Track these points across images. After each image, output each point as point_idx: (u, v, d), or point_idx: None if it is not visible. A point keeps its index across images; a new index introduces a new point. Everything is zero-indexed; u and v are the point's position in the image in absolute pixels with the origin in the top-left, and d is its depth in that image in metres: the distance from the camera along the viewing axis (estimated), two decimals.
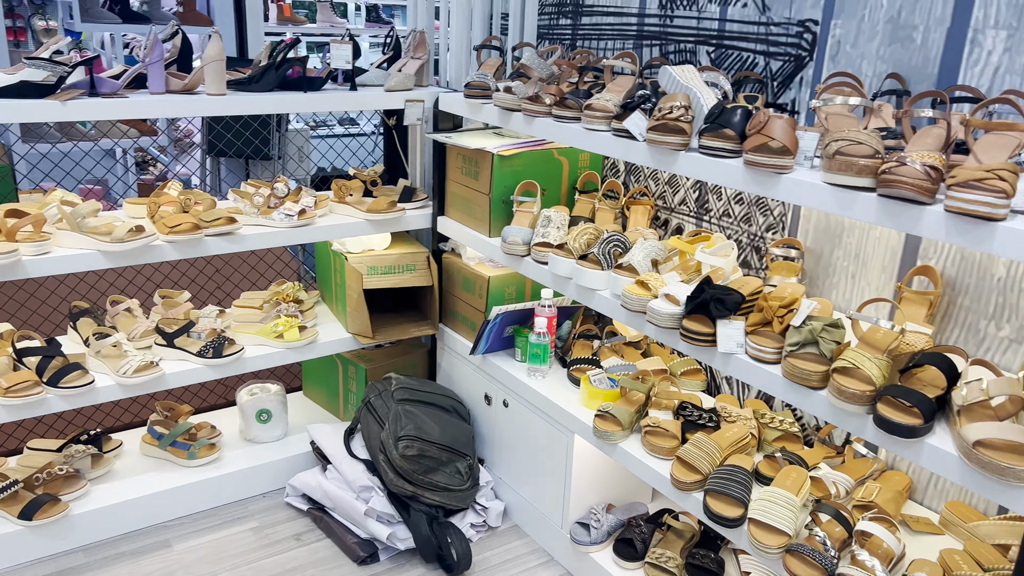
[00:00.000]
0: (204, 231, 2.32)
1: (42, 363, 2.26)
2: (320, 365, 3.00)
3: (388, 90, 2.59)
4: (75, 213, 2.18)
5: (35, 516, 2.28)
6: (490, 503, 2.57)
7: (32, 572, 2.27)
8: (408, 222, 2.70)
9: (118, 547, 2.40)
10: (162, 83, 2.24)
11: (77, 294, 2.89)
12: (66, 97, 2.06)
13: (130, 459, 2.63)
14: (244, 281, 3.25)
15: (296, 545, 2.45)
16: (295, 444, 2.77)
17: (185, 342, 2.48)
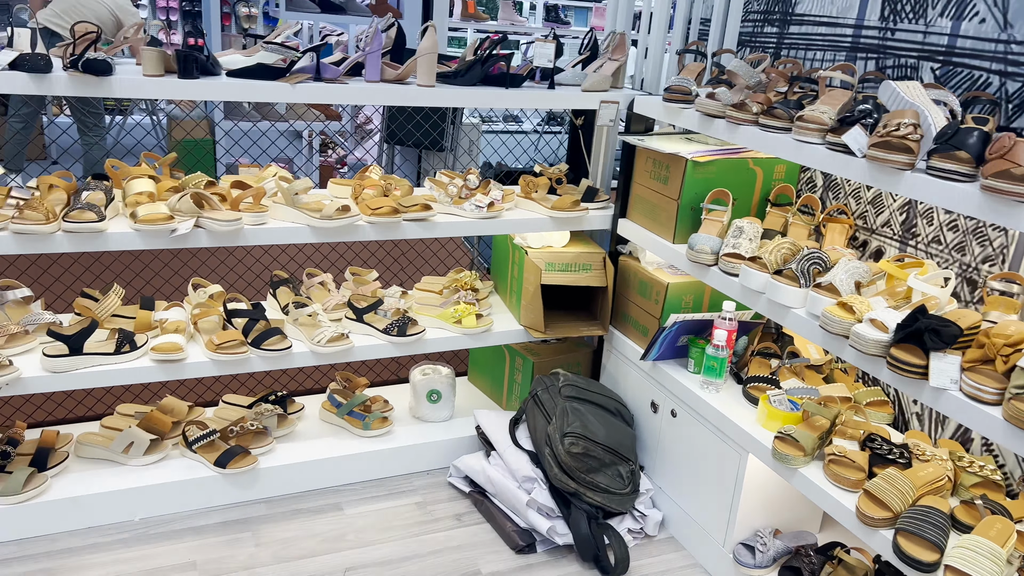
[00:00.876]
0: (402, 215, 2.43)
1: (248, 325, 2.44)
2: (488, 353, 3.08)
3: (585, 90, 2.62)
4: (291, 189, 2.34)
5: (228, 465, 2.47)
6: (648, 511, 2.54)
7: (220, 515, 2.47)
8: (590, 222, 2.72)
9: (295, 503, 2.56)
10: (378, 72, 2.37)
11: (278, 264, 3.10)
12: (295, 80, 2.22)
13: (310, 423, 2.80)
14: (418, 264, 3.39)
15: (457, 525, 2.53)
16: (460, 427, 2.86)
17: (373, 318, 2.61)
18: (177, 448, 2.56)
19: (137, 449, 2.47)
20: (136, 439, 2.46)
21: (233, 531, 2.41)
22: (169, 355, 2.30)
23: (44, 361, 2.20)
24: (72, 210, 2.10)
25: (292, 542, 2.39)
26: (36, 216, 2.05)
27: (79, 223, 2.08)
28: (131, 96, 2.07)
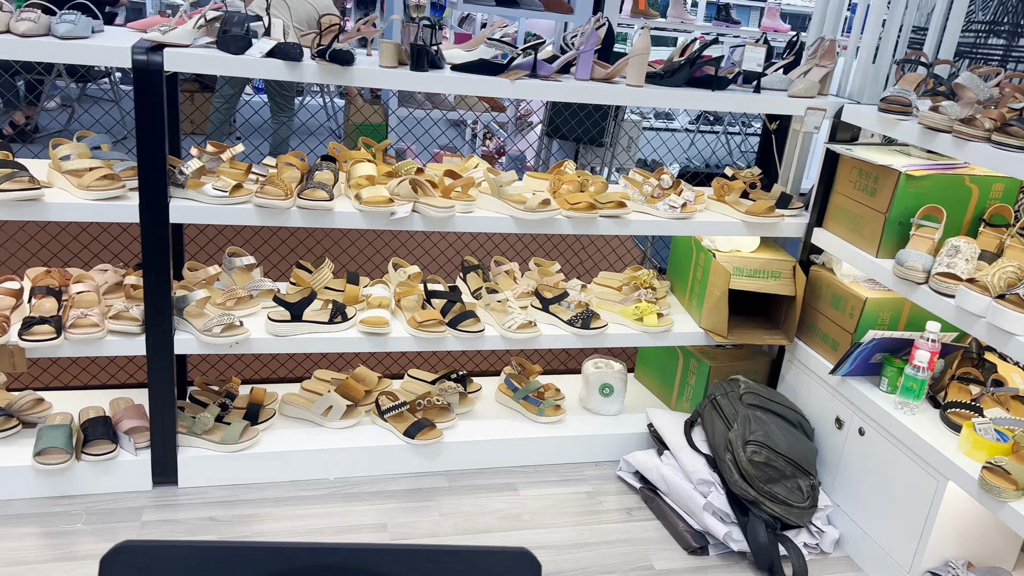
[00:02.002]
0: (599, 212, 2.49)
1: (446, 306, 2.57)
2: (659, 352, 3.10)
3: (792, 96, 2.58)
4: (498, 181, 2.45)
5: (417, 436, 2.62)
6: (826, 528, 2.50)
7: (405, 483, 2.62)
8: (783, 229, 2.68)
9: (472, 479, 2.68)
10: (589, 70, 2.43)
11: (469, 250, 3.24)
12: (514, 77, 2.31)
13: (486, 403, 2.92)
14: (582, 258, 3.45)
15: (627, 518, 2.57)
16: (629, 422, 2.90)
17: (558, 309, 2.69)
18: (369, 415, 2.73)
19: (335, 413, 2.65)
20: (335, 404, 2.64)
21: (418, 499, 2.55)
22: (376, 328, 2.46)
23: (268, 325, 2.41)
24: (306, 188, 2.28)
25: (472, 516, 2.51)
26: (276, 192, 2.24)
27: (312, 200, 2.26)
28: (369, 85, 2.22)
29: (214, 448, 2.47)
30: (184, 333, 2.34)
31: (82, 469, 2.35)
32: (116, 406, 2.58)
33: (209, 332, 2.30)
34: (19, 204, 2.05)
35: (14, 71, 5.95)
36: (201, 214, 2.22)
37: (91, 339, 2.22)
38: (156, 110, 2.07)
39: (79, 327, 2.21)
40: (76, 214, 2.12)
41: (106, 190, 2.14)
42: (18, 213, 2.07)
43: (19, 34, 1.97)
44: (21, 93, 6.44)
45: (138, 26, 2.27)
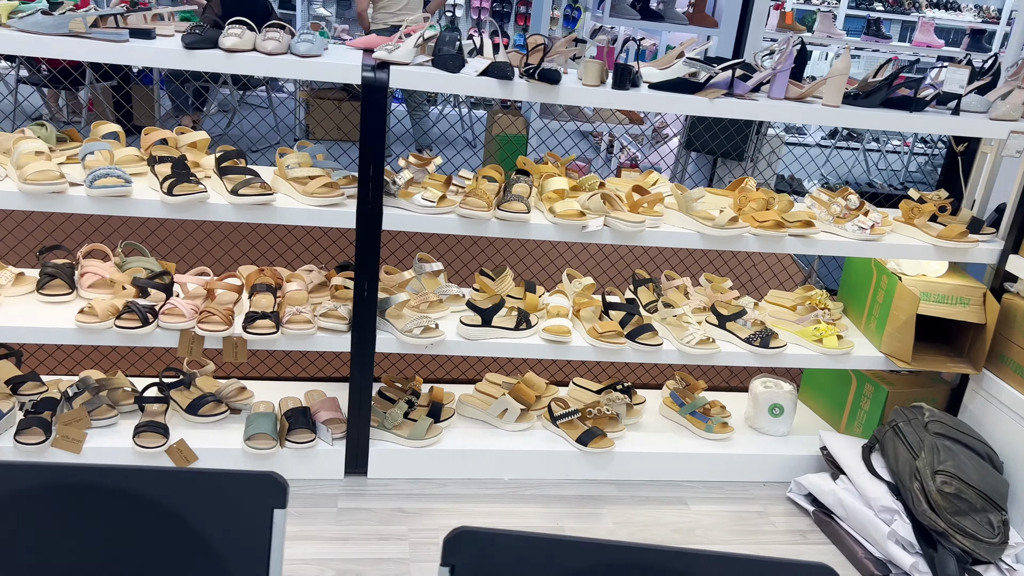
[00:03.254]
0: (787, 231, 2.49)
1: (624, 318, 2.63)
2: (829, 375, 3.05)
3: (994, 119, 2.51)
4: (687, 197, 2.48)
5: (590, 444, 2.68)
6: (1017, 566, 2.40)
7: (576, 488, 2.68)
8: (975, 255, 2.61)
9: (641, 490, 2.72)
10: (784, 90, 2.43)
11: (640, 263, 3.28)
12: (713, 96, 2.34)
13: (650, 416, 2.95)
14: (723, 273, 3.44)
15: (801, 540, 2.55)
16: (797, 444, 2.87)
17: (735, 327, 2.70)
18: (540, 420, 2.81)
19: (510, 416, 2.74)
20: (509, 407, 2.74)
21: (589, 505, 2.61)
22: (559, 337, 2.54)
23: (460, 328, 2.52)
24: (506, 200, 2.38)
25: (645, 527, 2.54)
26: (479, 203, 2.35)
27: (512, 212, 2.35)
28: (575, 103, 2.31)
29: (402, 443, 2.60)
30: (384, 333, 2.48)
31: (284, 455, 2.52)
32: (311, 398, 2.75)
33: (409, 333, 2.43)
34: (254, 208, 2.24)
35: (184, 79, 6.40)
36: (409, 222, 2.35)
37: (304, 335, 2.39)
38: (379, 124, 2.21)
39: (294, 323, 2.38)
40: (301, 218, 2.29)
41: (327, 197, 2.30)
42: (253, 216, 2.26)
43: (267, 52, 2.15)
44: (189, 100, 6.91)
45: (359, 44, 2.43)
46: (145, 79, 6.63)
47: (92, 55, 2.04)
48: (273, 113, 7.21)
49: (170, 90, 6.42)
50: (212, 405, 2.60)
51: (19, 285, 2.45)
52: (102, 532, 1.02)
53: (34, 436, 2.36)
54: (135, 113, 6.45)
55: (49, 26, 2.01)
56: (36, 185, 2.11)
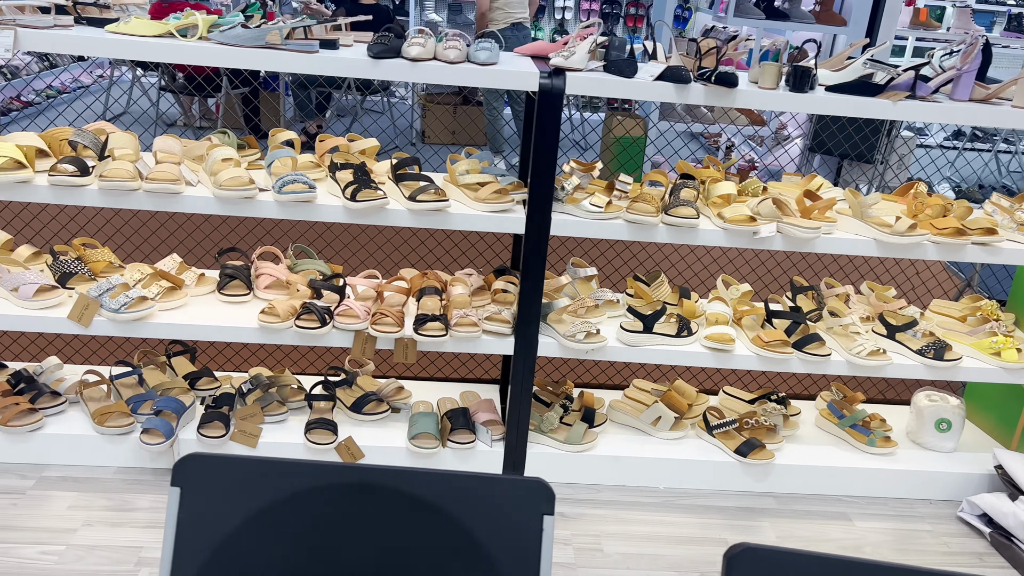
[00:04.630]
0: (969, 238, 2.37)
1: (790, 327, 2.56)
2: (996, 389, 2.90)
3: None
4: (863, 203, 2.40)
5: (749, 455, 2.62)
6: None
7: (734, 500, 2.63)
8: None
9: (801, 504, 2.64)
10: (969, 91, 2.32)
11: (782, 269, 3.20)
12: (896, 98, 2.26)
13: (807, 428, 2.87)
14: (880, 280, 3.31)
15: (978, 563, 2.43)
16: (967, 461, 2.73)
17: (905, 337, 2.59)
18: (694, 428, 2.77)
19: (664, 424, 2.71)
20: (663, 415, 2.71)
21: (749, 518, 2.56)
22: (722, 345, 2.49)
23: (620, 334, 2.51)
24: (674, 206, 2.35)
25: (811, 542, 2.47)
26: (647, 208, 2.33)
27: (680, 218, 2.33)
28: (751, 106, 2.26)
29: (558, 446, 2.61)
30: (546, 337, 2.49)
31: (445, 455, 2.57)
32: (467, 399, 2.80)
33: (572, 338, 2.43)
34: (430, 213, 2.28)
35: (308, 85, 6.61)
36: (576, 228, 2.36)
37: (470, 337, 2.42)
38: (553, 131, 2.23)
39: (461, 326, 2.42)
40: (472, 224, 2.32)
41: (498, 203, 2.32)
42: (428, 221, 2.30)
43: (449, 61, 2.19)
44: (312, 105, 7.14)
45: (527, 51, 2.46)
46: (268, 85, 6.89)
47: (287, 65, 2.13)
48: (390, 117, 7.38)
49: (298, 100, 6.65)
50: (374, 404, 2.67)
51: (201, 285, 2.57)
52: (378, 531, 1.05)
53: (216, 430, 2.48)
54: (262, 119, 6.71)
55: (248, 38, 2.11)
56: (229, 191, 2.22)
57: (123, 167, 2.21)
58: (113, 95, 6.84)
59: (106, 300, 2.33)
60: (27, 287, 2.34)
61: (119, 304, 2.31)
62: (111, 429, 2.45)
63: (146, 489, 2.42)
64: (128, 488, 2.41)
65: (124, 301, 2.32)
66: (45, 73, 7.54)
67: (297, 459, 1.10)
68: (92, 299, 2.32)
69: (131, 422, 2.48)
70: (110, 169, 2.20)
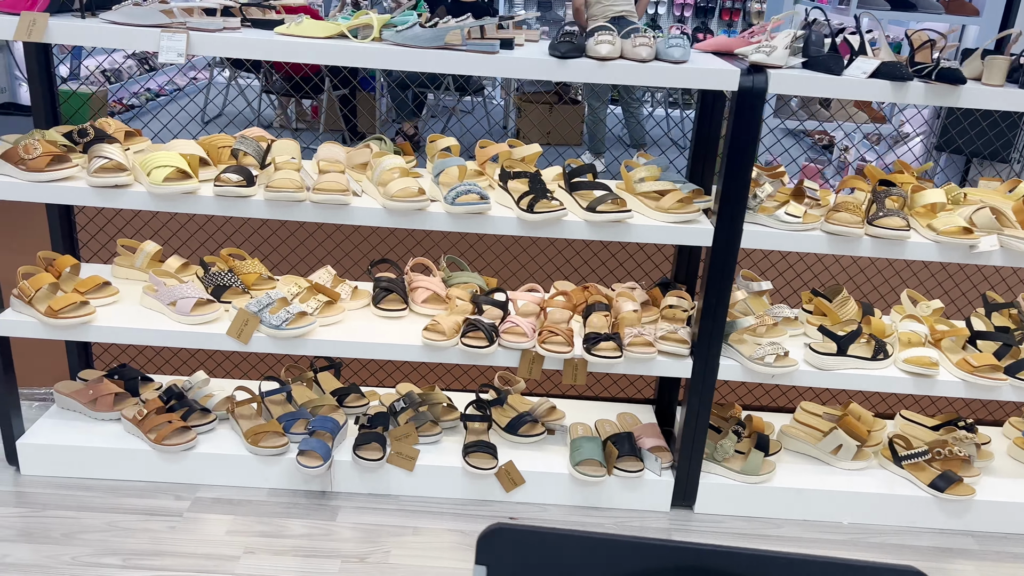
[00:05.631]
0: None
1: (1000, 350, 2.31)
2: None
3: None
4: None
5: (947, 490, 2.37)
6: None
7: (928, 539, 2.39)
8: None
9: (1006, 545, 2.38)
10: None
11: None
12: None
13: (1000, 459, 2.60)
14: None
15: None
16: None
17: None
18: (877, 458, 2.53)
19: (845, 453, 2.48)
20: (844, 443, 2.48)
21: (949, 559, 2.31)
22: (923, 369, 2.26)
23: (811, 356, 2.29)
24: (879, 216, 2.13)
25: None
26: (851, 219, 2.11)
27: (889, 229, 2.10)
28: (976, 106, 2.02)
29: (733, 477, 2.41)
30: (727, 359, 2.29)
31: (610, 483, 2.39)
32: (625, 421, 2.62)
33: (760, 361, 2.22)
34: (610, 225, 2.11)
35: (407, 84, 6.52)
36: (769, 240, 2.15)
37: (645, 358, 2.24)
38: (752, 133, 2.03)
39: (635, 346, 2.24)
40: (654, 235, 2.14)
41: (683, 213, 2.13)
42: (607, 233, 2.13)
43: (640, 59, 2.00)
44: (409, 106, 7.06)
45: (708, 47, 2.26)
46: (366, 85, 6.82)
47: (466, 67, 1.98)
48: (487, 117, 7.25)
49: (397, 100, 6.56)
50: (529, 425, 2.51)
51: (355, 299, 2.45)
52: None
53: (373, 452, 2.36)
54: (359, 120, 6.65)
55: (426, 39, 1.96)
56: (401, 202, 2.08)
57: (289, 177, 2.09)
58: (207, 97, 6.88)
59: (266, 316, 2.22)
60: (185, 301, 2.25)
61: (280, 320, 2.20)
62: (265, 449, 2.35)
63: (301, 514, 2.30)
64: (283, 512, 2.30)
65: (285, 317, 2.20)
66: (141, 76, 7.64)
67: (619, 536, 0.93)
68: (251, 314, 2.21)
69: (285, 442, 2.37)
70: (276, 179, 2.08)
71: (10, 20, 1.94)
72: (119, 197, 2.09)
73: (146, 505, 2.28)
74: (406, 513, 2.34)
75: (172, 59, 1.92)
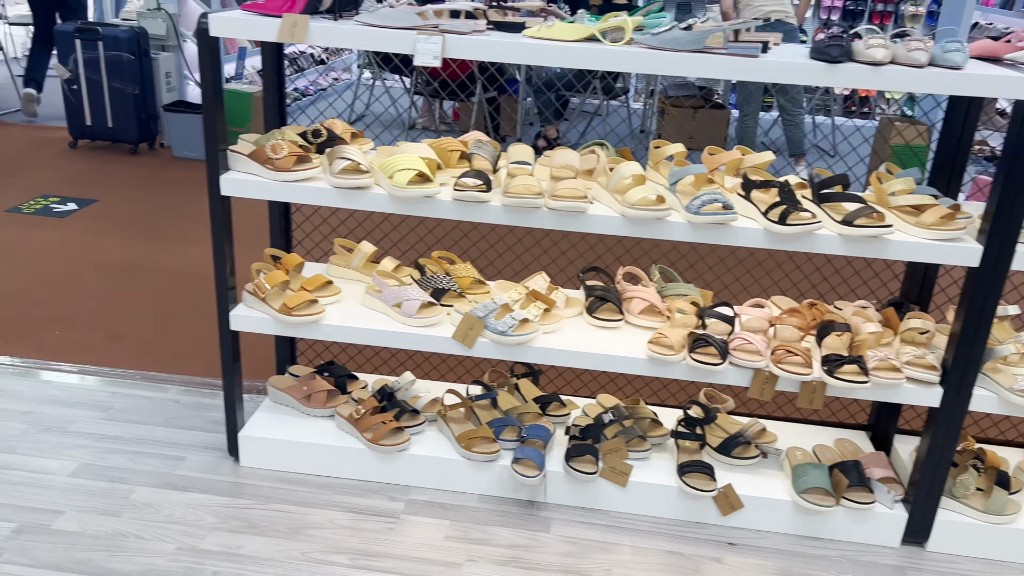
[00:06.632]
0: None
1: None
2: None
3: None
4: None
5: None
6: None
7: None
8: None
9: None
10: None
11: None
12: None
13: None
14: None
15: None
16: None
17: None
18: None
19: None
20: None
21: None
22: None
23: None
24: None
25: None
26: None
27: None
28: None
29: (974, 515, 2.23)
30: (982, 389, 2.12)
31: (836, 514, 2.25)
32: (844, 447, 2.47)
33: (1021, 392, 2.04)
34: (867, 240, 1.97)
35: (553, 84, 6.48)
36: None
37: (891, 385, 2.09)
38: None
39: (881, 370, 2.10)
40: (915, 254, 2.00)
41: (947, 230, 1.98)
42: (862, 249, 2.00)
43: (916, 64, 1.87)
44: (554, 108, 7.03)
45: (976, 51, 2.09)
46: (511, 85, 6.82)
47: (724, 71, 1.89)
48: (627, 120, 7.15)
49: (543, 99, 6.54)
50: (743, 447, 2.40)
51: (568, 307, 2.40)
52: None
53: (588, 465, 2.30)
54: (502, 123, 6.67)
55: (686, 42, 1.89)
56: (641, 211, 2.01)
57: (528, 183, 2.05)
58: (346, 98, 7.05)
59: (491, 321, 2.20)
60: (410, 303, 2.25)
61: (506, 326, 2.17)
62: (478, 455, 2.33)
63: (514, 523, 2.27)
64: (497, 520, 2.27)
65: (511, 323, 2.17)
66: (294, 76, 7.90)
67: None
68: (477, 319, 2.19)
69: (497, 449, 2.34)
70: (516, 185, 2.05)
71: (272, 22, 1.98)
72: (359, 198, 2.11)
73: (363, 504, 2.30)
74: (619, 530, 2.27)
75: (427, 61, 1.91)
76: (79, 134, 5.66)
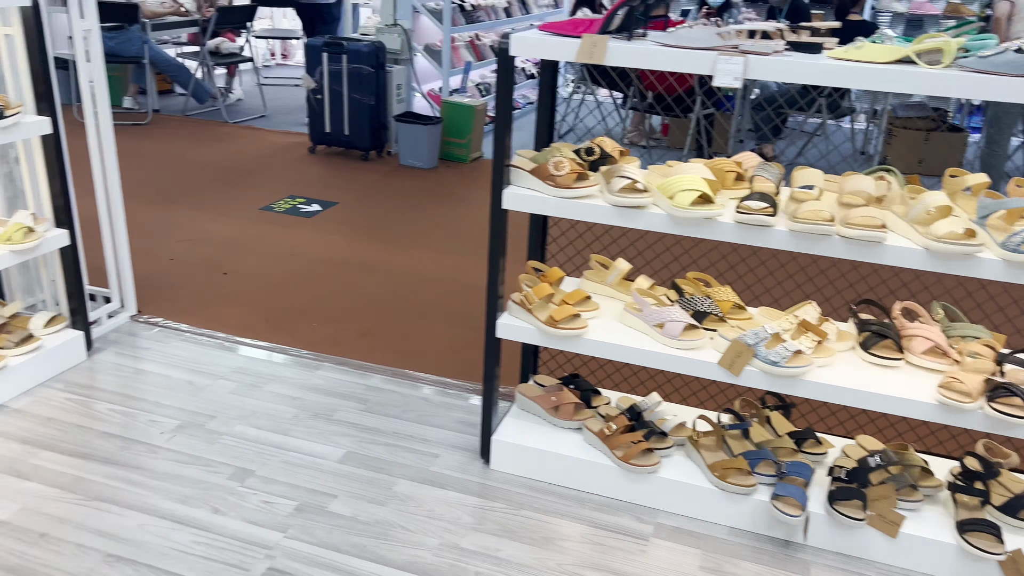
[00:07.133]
0: None
1: None
2: None
3: None
4: None
5: None
6: None
7: None
8: None
9: None
10: None
11: None
12: None
13: None
14: None
15: None
16: None
17: None
18: None
19: None
20: None
21: None
22: None
23: None
24: None
25: None
26: None
27: None
28: None
29: None
30: None
31: None
32: None
33: None
34: None
35: (774, 100, 6.25)
36: None
37: None
38: None
39: None
40: None
41: None
42: None
43: None
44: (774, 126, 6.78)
45: None
46: (721, 105, 6.66)
47: None
48: (851, 140, 6.77)
49: (762, 114, 6.32)
50: None
51: (840, 340, 2.27)
52: None
53: (855, 510, 2.17)
54: (716, 138, 6.51)
55: (1017, 65, 1.73)
56: (949, 245, 1.86)
57: (821, 208, 1.96)
58: (559, 112, 7.14)
59: (760, 350, 2.12)
60: (674, 324, 2.22)
61: (779, 356, 2.09)
62: (733, 486, 2.26)
63: (769, 561, 2.17)
64: (751, 556, 2.19)
65: (784, 354, 2.09)
66: None
67: None
68: (746, 346, 2.13)
69: (754, 483, 2.26)
70: (805, 210, 1.97)
71: (572, 42, 2.02)
72: (636, 217, 2.11)
73: (612, 522, 2.29)
74: None
75: (727, 82, 1.88)
76: (318, 140, 6.13)
